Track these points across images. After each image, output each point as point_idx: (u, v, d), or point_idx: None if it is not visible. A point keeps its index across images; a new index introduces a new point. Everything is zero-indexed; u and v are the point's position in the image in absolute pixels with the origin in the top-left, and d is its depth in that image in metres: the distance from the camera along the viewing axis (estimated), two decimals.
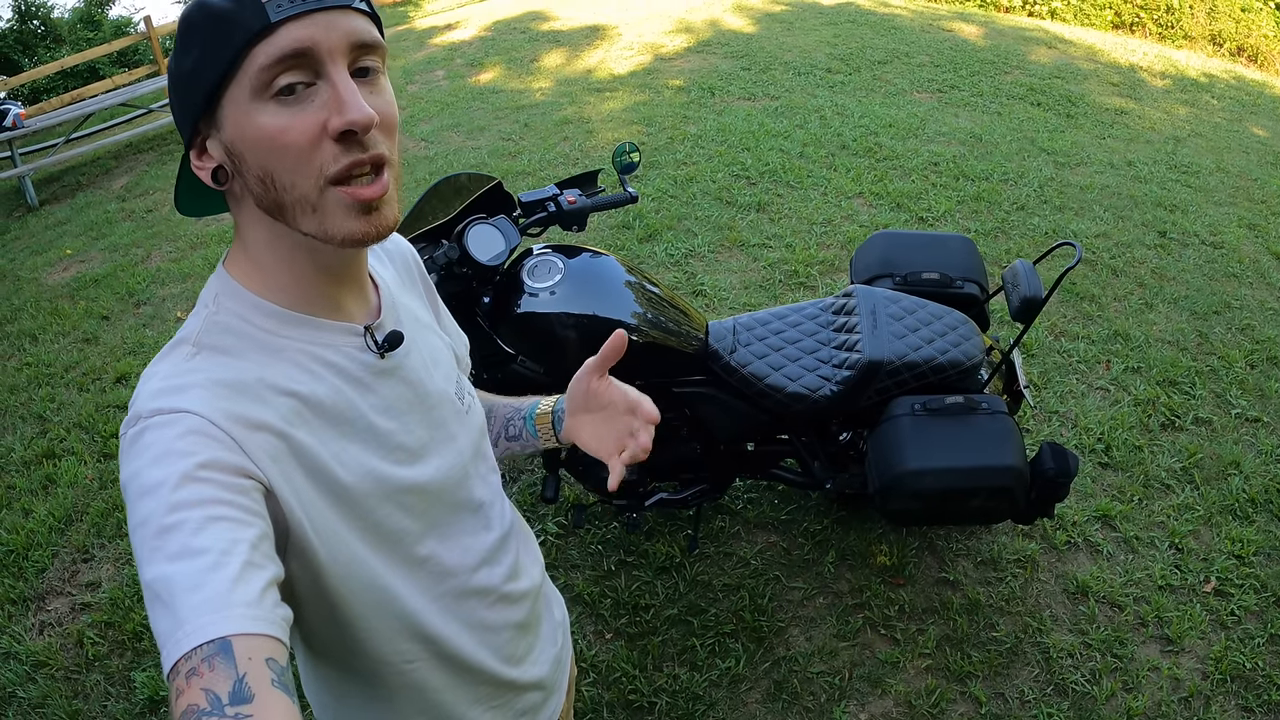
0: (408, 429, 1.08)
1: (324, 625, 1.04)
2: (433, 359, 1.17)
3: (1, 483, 4.00)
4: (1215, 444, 3.73)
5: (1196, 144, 7.27)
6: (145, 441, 0.85)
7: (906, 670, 2.82)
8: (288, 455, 0.94)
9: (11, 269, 6.51)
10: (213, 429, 0.87)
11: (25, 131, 8.24)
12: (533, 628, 1.33)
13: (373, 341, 1.05)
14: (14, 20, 15.19)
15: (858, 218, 5.56)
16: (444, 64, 9.61)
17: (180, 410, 0.87)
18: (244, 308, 0.97)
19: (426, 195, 2.61)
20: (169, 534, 0.78)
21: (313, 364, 0.99)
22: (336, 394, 1.00)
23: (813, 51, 8.97)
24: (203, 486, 0.82)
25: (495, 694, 1.24)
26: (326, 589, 0.99)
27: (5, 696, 2.96)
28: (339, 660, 1.10)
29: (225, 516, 0.81)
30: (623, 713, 2.74)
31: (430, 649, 1.13)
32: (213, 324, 0.96)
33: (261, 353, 0.96)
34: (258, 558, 0.80)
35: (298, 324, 0.99)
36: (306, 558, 0.96)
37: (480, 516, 1.21)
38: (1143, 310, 4.65)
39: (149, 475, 0.82)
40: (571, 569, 3.18)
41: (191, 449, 0.84)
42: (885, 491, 2.52)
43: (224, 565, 0.77)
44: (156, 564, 0.77)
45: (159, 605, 0.75)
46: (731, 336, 2.78)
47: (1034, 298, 2.52)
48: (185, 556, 0.77)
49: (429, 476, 1.10)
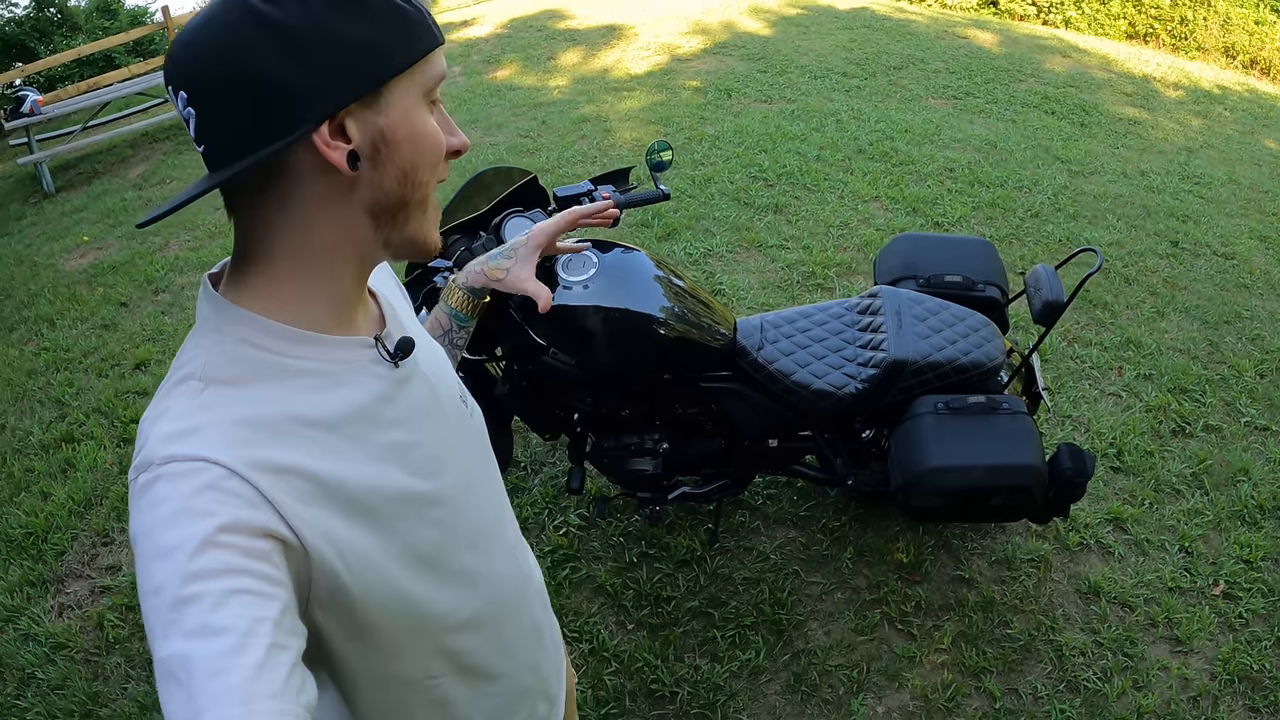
0: (427, 440, 1.05)
1: (355, 663, 1.00)
2: (438, 364, 1.16)
3: (20, 466, 4.05)
4: (1225, 451, 3.78)
5: (1209, 155, 7.31)
6: (158, 494, 0.79)
7: (923, 665, 2.87)
8: (317, 494, 0.89)
9: (29, 255, 6.55)
10: (233, 480, 0.81)
11: (42, 118, 8.27)
12: (544, 631, 1.33)
13: (385, 351, 1.02)
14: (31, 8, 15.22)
15: (874, 221, 5.61)
16: (461, 60, 9.65)
17: (197, 458, 0.81)
18: (250, 331, 0.91)
19: (465, 187, 2.66)
20: (186, 607, 0.73)
21: (327, 384, 0.95)
22: (356, 412, 0.96)
23: (829, 55, 9.01)
24: (223, 553, 0.76)
25: (512, 705, 1.24)
26: (359, 624, 0.96)
27: (25, 678, 3.00)
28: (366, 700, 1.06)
29: (248, 590, 0.76)
30: (644, 702, 2.79)
31: (455, 663, 1.11)
32: (218, 354, 0.90)
33: (273, 379, 0.91)
34: (281, 636, 0.76)
35: (309, 343, 0.94)
36: (337, 600, 0.92)
37: (496, 522, 1.20)
38: (1154, 318, 4.70)
39: (164, 537, 0.77)
40: (594, 560, 3.24)
41: (210, 508, 0.78)
42: (907, 488, 2.57)
43: (247, 649, 0.72)
44: (173, 640, 0.72)
45: (174, 685, 0.71)
46: (759, 333, 2.84)
47: (1056, 302, 2.58)
48: (205, 635, 0.72)
49: (449, 486, 1.07)
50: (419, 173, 0.92)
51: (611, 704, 2.77)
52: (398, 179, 0.91)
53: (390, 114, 0.88)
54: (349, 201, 0.91)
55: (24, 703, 2.91)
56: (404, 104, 0.89)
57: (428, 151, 0.92)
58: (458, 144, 0.96)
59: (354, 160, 0.88)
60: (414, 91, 0.90)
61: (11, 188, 8.41)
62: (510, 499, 3.40)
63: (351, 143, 0.87)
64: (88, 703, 2.88)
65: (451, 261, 2.44)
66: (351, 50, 0.85)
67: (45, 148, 8.37)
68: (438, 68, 0.92)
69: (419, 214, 0.96)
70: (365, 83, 0.86)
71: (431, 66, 0.91)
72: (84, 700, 2.89)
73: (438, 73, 0.92)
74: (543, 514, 3.43)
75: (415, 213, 0.95)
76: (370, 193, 0.91)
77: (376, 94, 0.87)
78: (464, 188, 2.65)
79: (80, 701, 2.88)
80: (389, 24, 0.86)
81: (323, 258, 0.93)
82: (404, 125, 0.90)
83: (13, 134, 8.73)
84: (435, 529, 1.04)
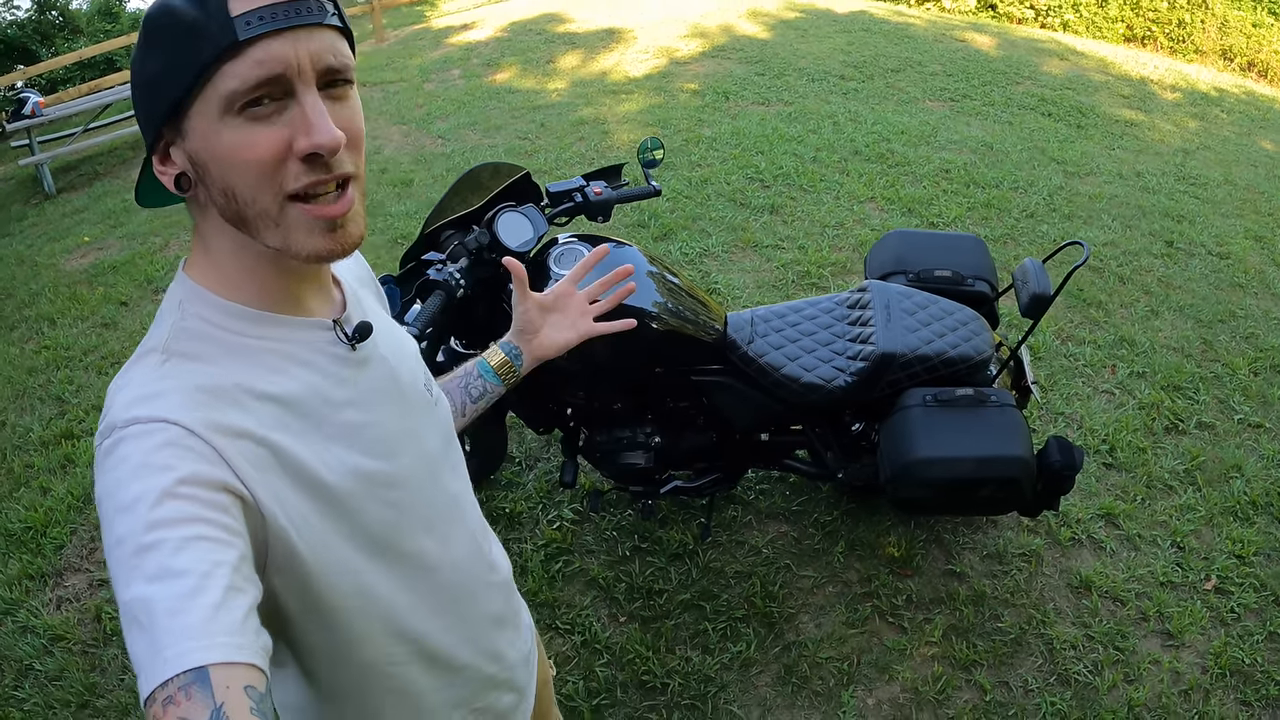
0: (382, 421, 1.06)
1: (312, 636, 1.01)
2: (400, 350, 1.17)
3: (20, 461, 4.07)
4: (1218, 448, 3.79)
5: (1205, 156, 7.33)
6: (121, 453, 0.82)
7: (913, 658, 2.88)
8: (270, 462, 0.91)
9: (30, 255, 6.58)
10: (192, 439, 0.84)
11: (43, 120, 8.34)
12: (508, 621, 1.34)
13: (343, 333, 1.04)
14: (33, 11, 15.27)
15: (869, 221, 5.63)
16: (460, 63, 9.68)
17: (158, 419, 0.84)
18: (210, 311, 0.95)
19: (457, 183, 2.68)
20: (147, 553, 0.76)
21: (285, 363, 0.97)
22: (312, 392, 0.99)
23: (826, 59, 9.03)
24: (182, 504, 0.79)
25: (476, 695, 1.25)
26: (314, 597, 0.97)
27: (23, 669, 3.02)
28: (327, 677, 1.08)
29: (206, 536, 0.78)
30: (636, 693, 2.80)
31: (416, 648, 1.12)
32: (180, 330, 0.94)
33: (232, 356, 0.94)
34: (239, 581, 0.78)
35: (266, 323, 0.97)
36: (293, 567, 0.94)
37: (456, 508, 1.22)
38: (1149, 317, 4.71)
39: (126, 491, 0.80)
40: (587, 554, 3.25)
41: (170, 462, 0.81)
42: (896, 479, 2.59)
43: (205, 590, 0.75)
44: (135, 585, 0.75)
45: (136, 628, 0.73)
46: (749, 327, 2.86)
47: (1043, 294, 2.60)
48: (165, 578, 0.74)
49: (406, 468, 1.09)
50: (239, 190, 0.88)
51: (603, 695, 2.78)
52: (224, 195, 0.90)
53: (192, 139, 0.88)
54: (210, 211, 0.94)
55: (22, 693, 2.92)
56: (200, 127, 0.87)
57: (238, 168, 0.87)
58: (305, 146, 0.87)
59: (182, 182, 0.92)
60: (210, 110, 0.86)
61: (13, 189, 8.46)
62: (504, 494, 3.45)
63: (178, 167, 0.91)
64: (85, 693, 2.89)
65: (445, 255, 2.46)
66: (149, 86, 0.89)
67: (47, 149, 8.44)
68: (245, 72, 0.84)
69: (270, 227, 0.91)
70: (159, 115, 0.89)
71: (226, 78, 0.84)
72: (81, 691, 2.90)
73: (247, 78, 0.84)
74: (536, 508, 3.44)
75: (264, 225, 0.91)
76: (215, 207, 0.92)
77: (177, 122, 0.88)
78: (456, 183, 2.67)
79: (77, 692, 2.90)
80: (173, 50, 0.86)
81: (233, 257, 0.96)
82: (205, 147, 0.88)
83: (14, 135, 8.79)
84: (389, 509, 1.06)
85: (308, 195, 0.90)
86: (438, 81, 9.20)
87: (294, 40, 0.85)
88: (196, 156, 0.88)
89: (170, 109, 0.87)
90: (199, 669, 0.70)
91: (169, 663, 0.70)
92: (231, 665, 0.72)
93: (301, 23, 0.86)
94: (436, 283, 2.27)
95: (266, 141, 0.86)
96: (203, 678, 0.70)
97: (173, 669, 0.70)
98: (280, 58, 0.84)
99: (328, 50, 0.88)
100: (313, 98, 0.87)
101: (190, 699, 0.69)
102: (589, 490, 3.44)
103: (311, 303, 1.03)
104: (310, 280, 1.03)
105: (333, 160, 0.89)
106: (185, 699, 0.69)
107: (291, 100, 0.87)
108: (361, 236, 0.96)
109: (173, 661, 0.70)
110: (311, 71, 0.87)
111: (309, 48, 0.86)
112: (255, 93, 0.85)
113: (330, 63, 0.89)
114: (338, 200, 0.92)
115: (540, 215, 2.61)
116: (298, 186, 0.88)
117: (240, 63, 0.83)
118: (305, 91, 0.87)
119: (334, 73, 0.90)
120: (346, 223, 0.93)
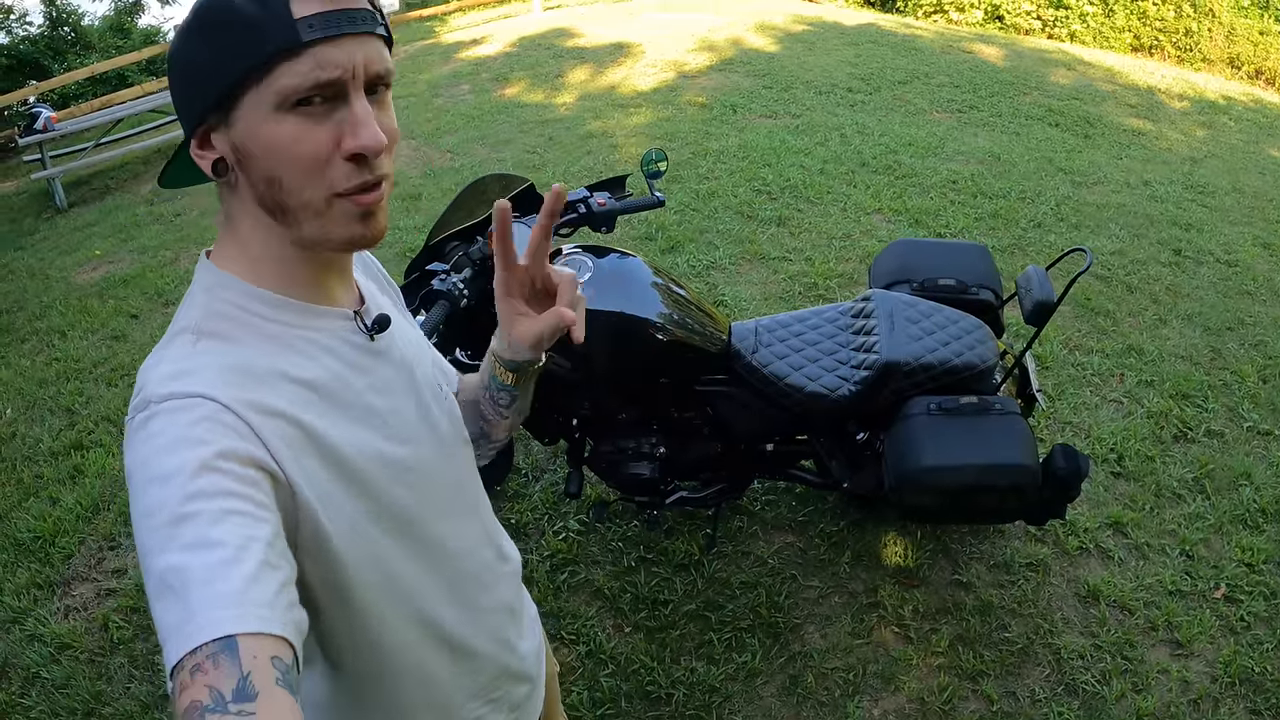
0: (400, 409, 1.10)
1: (338, 622, 1.03)
2: (417, 346, 1.22)
3: (30, 472, 4.09)
4: (1227, 456, 3.77)
5: (1213, 165, 7.32)
6: (156, 427, 0.84)
7: (919, 668, 2.87)
8: (302, 441, 0.94)
9: (41, 268, 6.63)
10: (228, 415, 0.86)
11: (55, 134, 8.41)
12: (520, 613, 1.37)
13: (363, 324, 1.08)
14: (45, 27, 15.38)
15: (876, 233, 5.63)
16: (469, 78, 9.73)
17: (194, 394, 0.86)
18: (239, 296, 0.98)
19: (461, 194, 2.70)
20: (184, 523, 0.77)
21: (310, 348, 1.00)
22: (335, 377, 1.02)
23: (834, 71, 9.05)
24: (219, 477, 0.81)
25: (493, 685, 1.28)
26: (341, 579, 0.99)
27: (30, 677, 3.02)
28: (351, 665, 1.09)
29: (241, 511, 0.80)
30: (641, 703, 2.80)
31: (436, 634, 1.15)
32: (211, 312, 0.97)
33: (261, 339, 0.97)
34: (273, 556, 0.80)
35: (292, 310, 1.00)
36: (321, 548, 0.96)
37: (468, 499, 1.25)
38: (1157, 325, 4.70)
39: (162, 462, 0.81)
40: (593, 564, 3.25)
41: (207, 436, 0.83)
42: (901, 487, 2.59)
43: (241, 560, 0.76)
44: (170, 553, 0.76)
45: (169, 595, 0.74)
46: (754, 337, 2.86)
47: (1046, 301, 2.60)
48: (202, 548, 0.76)
49: (423, 456, 1.12)
50: (285, 180, 0.92)
51: (608, 705, 2.78)
52: (265, 185, 0.93)
53: (239, 128, 0.91)
54: (245, 197, 0.97)
55: (28, 701, 2.93)
56: (252, 117, 0.90)
57: (287, 161, 0.91)
58: (353, 146, 0.91)
59: (219, 167, 0.95)
60: (263, 104, 0.89)
61: (25, 203, 8.51)
62: (511, 504, 3.46)
63: (217, 153, 0.94)
64: (91, 702, 2.90)
65: (449, 265, 2.46)
66: (195, 71, 0.92)
67: (58, 164, 8.50)
68: (304, 74, 0.88)
69: (311, 217, 0.95)
70: (205, 101, 0.91)
71: (285, 75, 0.88)
72: (88, 699, 2.91)
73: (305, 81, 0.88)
74: (542, 519, 3.44)
75: (305, 215, 0.95)
76: (251, 193, 0.96)
77: (227, 109, 0.91)
78: (460, 195, 2.69)
79: (84, 700, 2.90)
80: (231, 42, 0.88)
81: (262, 244, 0.99)
82: (253, 138, 0.91)
83: (26, 150, 8.84)
84: (410, 493, 1.09)
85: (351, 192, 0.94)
86: (447, 96, 9.24)
87: (350, 47, 0.90)
88: (242, 146, 0.91)
89: (220, 97, 0.90)
90: (227, 637, 0.71)
91: (201, 629, 0.72)
92: (260, 636, 0.73)
93: (357, 30, 0.90)
94: (440, 293, 2.27)
95: (317, 138, 0.90)
96: (231, 646, 0.71)
97: (204, 636, 0.71)
98: (339, 63, 0.89)
99: (377, 58, 0.93)
100: (363, 103, 0.92)
101: (218, 667, 0.70)
102: (594, 501, 3.44)
103: (336, 292, 1.07)
104: (336, 270, 1.07)
105: (375, 161, 0.93)
106: (213, 667, 0.70)
107: (342, 102, 0.91)
108: (385, 228, 1.00)
109: (205, 629, 0.72)
110: (363, 77, 0.92)
111: (364, 54, 0.91)
112: (312, 92, 0.89)
113: (379, 70, 0.93)
114: (374, 190, 0.95)
115: None
116: (345, 187, 0.93)
117: (300, 62, 0.87)
118: (356, 96, 0.91)
119: (380, 78, 0.94)
120: (377, 211, 0.97)
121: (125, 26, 15.88)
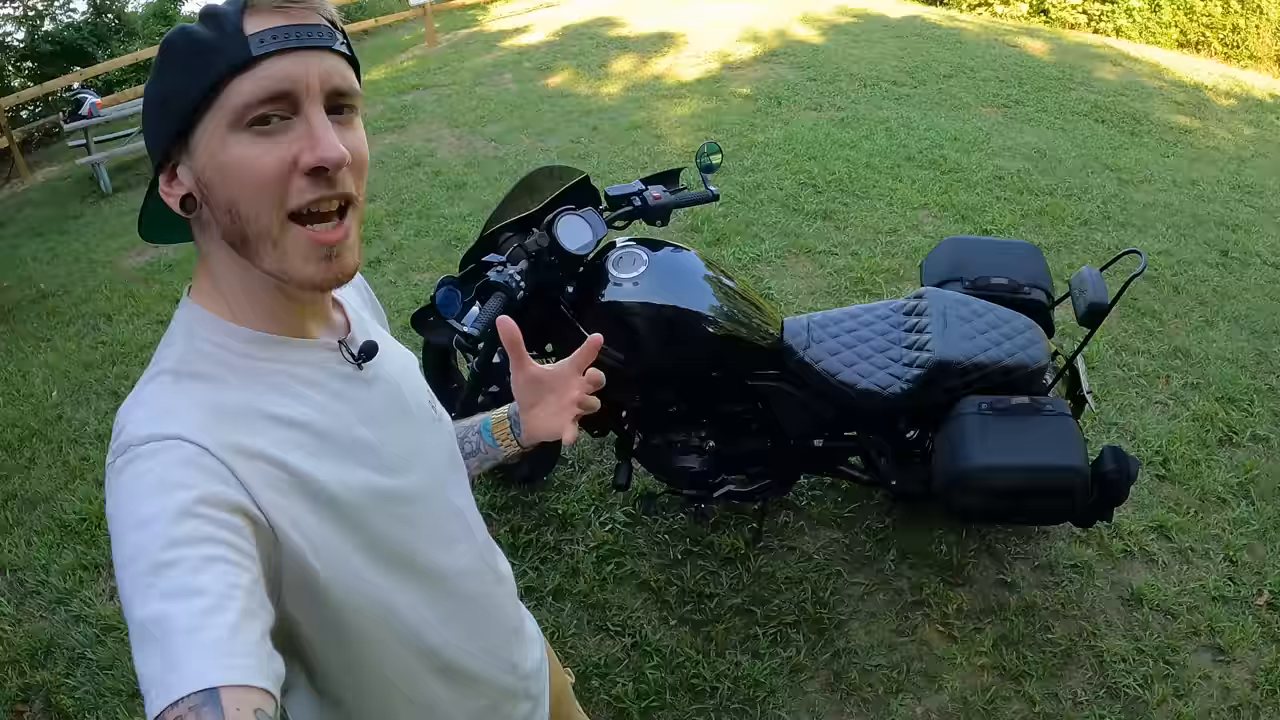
0: (392, 438, 1.08)
1: (330, 656, 1.02)
2: (404, 369, 1.19)
3: (76, 454, 4.17)
4: (1273, 460, 3.75)
5: (1261, 164, 7.24)
6: (136, 470, 0.82)
7: (963, 667, 2.88)
8: (286, 484, 0.92)
9: (86, 253, 6.74)
10: (208, 458, 0.84)
11: (100, 120, 8.52)
12: (520, 631, 1.36)
13: (349, 354, 1.06)
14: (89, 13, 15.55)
15: (922, 228, 5.63)
16: (512, 67, 9.76)
17: (173, 437, 0.84)
18: (218, 334, 0.96)
19: (516, 186, 2.73)
20: (165, 571, 0.75)
21: (294, 384, 0.99)
22: (322, 412, 1.00)
23: (879, 64, 9.02)
24: (200, 523, 0.79)
25: (494, 707, 1.26)
26: (333, 616, 0.98)
27: (75, 657, 3.08)
28: (344, 697, 1.07)
29: (223, 558, 0.78)
30: (685, 696, 2.83)
31: (434, 661, 1.13)
32: (190, 352, 0.95)
33: (242, 378, 0.95)
34: (253, 605, 0.78)
35: (273, 345, 0.99)
36: (310, 588, 0.94)
37: (463, 522, 1.22)
38: (1203, 327, 4.67)
39: (142, 507, 0.79)
40: (639, 556, 3.28)
41: (188, 480, 0.81)
42: (950, 487, 2.60)
43: (223, 610, 0.74)
44: (151, 602, 0.74)
45: (150, 644, 0.72)
46: (806, 333, 2.88)
47: (1100, 303, 2.60)
48: (183, 596, 0.74)
49: (417, 484, 1.10)
50: (240, 206, 0.90)
51: (652, 697, 2.81)
52: (227, 214, 0.91)
53: (199, 155, 0.90)
54: (213, 234, 0.95)
55: (73, 680, 2.99)
56: (210, 142, 0.89)
57: (241, 183, 0.89)
58: (310, 160, 0.89)
59: (188, 204, 0.94)
60: (218, 128, 0.88)
61: (70, 188, 8.63)
62: (557, 495, 3.49)
63: (184, 188, 0.93)
64: (135, 683, 2.93)
65: (505, 257, 2.49)
66: (160, 104, 0.92)
67: (103, 149, 8.62)
68: (256, 86, 0.87)
69: (269, 248, 0.92)
70: (165, 134, 0.92)
71: (236, 92, 0.87)
72: (131, 681, 2.94)
73: (258, 92, 0.87)
74: (589, 510, 3.48)
75: (263, 246, 0.92)
76: (217, 229, 0.94)
77: (186, 140, 0.91)
78: (515, 187, 2.72)
79: (128, 682, 2.95)
80: (186, 68, 0.89)
81: (237, 281, 0.98)
82: (210, 164, 0.90)
83: (71, 135, 8.95)
84: (404, 525, 1.07)
85: (308, 216, 0.92)
86: (490, 85, 9.28)
87: (304, 60, 0.89)
88: (203, 174, 0.90)
89: (181, 124, 0.89)
90: (210, 690, 0.70)
91: (183, 680, 0.70)
92: (244, 688, 0.71)
93: (312, 45, 0.89)
94: (497, 284, 2.30)
95: (272, 156, 0.88)
96: (214, 699, 0.69)
97: (187, 687, 0.69)
98: (290, 75, 0.88)
99: (336, 73, 0.92)
100: (319, 113, 0.90)
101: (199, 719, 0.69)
102: (642, 493, 3.46)
103: (315, 327, 1.05)
104: (311, 310, 1.05)
105: (336, 176, 0.91)
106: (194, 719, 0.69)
107: (298, 118, 0.89)
108: (356, 266, 0.98)
109: (188, 680, 0.70)
110: (320, 90, 0.90)
111: (319, 68, 0.90)
112: (264, 107, 0.87)
113: (338, 84, 0.92)
114: (335, 228, 0.93)
115: (599, 219, 2.65)
116: (300, 202, 0.90)
117: (250, 78, 0.87)
118: (314, 109, 0.90)
119: (340, 95, 0.93)
120: (342, 251, 0.95)
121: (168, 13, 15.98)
